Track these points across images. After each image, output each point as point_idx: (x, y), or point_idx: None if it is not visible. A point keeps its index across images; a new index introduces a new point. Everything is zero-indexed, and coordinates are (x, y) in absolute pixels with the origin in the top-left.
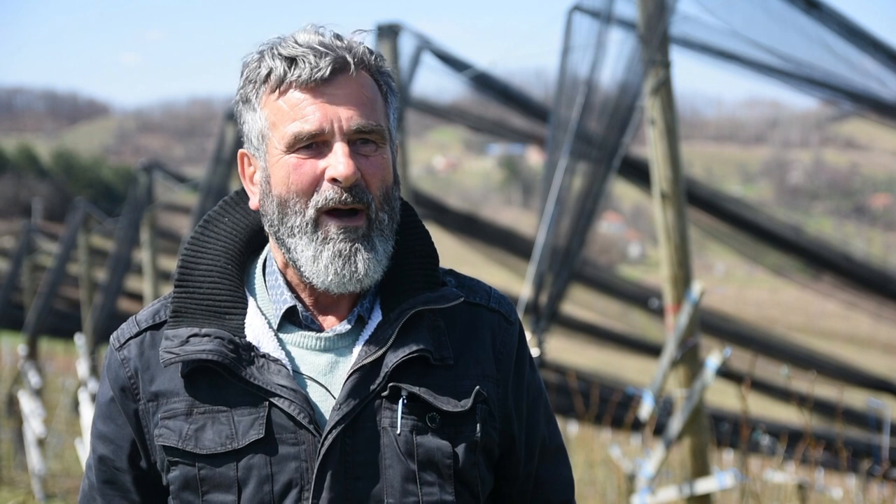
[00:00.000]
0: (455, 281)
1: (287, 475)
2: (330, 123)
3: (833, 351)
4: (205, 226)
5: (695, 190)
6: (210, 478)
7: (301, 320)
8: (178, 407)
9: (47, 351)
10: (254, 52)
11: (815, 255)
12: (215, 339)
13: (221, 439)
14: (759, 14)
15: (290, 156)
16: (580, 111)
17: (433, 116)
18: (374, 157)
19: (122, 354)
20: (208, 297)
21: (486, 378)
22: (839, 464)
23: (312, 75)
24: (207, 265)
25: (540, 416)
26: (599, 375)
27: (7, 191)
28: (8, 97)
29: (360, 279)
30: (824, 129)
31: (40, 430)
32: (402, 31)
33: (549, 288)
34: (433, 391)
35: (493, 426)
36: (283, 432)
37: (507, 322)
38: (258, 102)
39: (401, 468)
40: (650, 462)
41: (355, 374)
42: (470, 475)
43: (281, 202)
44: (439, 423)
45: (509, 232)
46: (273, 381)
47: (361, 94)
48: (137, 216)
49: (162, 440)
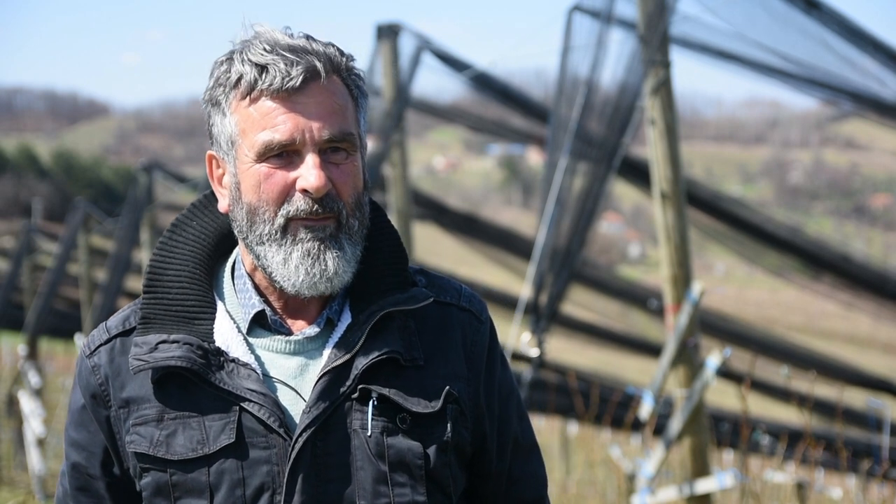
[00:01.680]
0: (425, 280)
1: (259, 479)
2: (301, 133)
3: (833, 351)
4: (173, 230)
5: (695, 190)
6: (182, 483)
7: (270, 324)
8: (148, 413)
9: (47, 351)
10: (224, 53)
11: (815, 256)
12: (184, 346)
13: (192, 445)
14: (760, 14)
15: (261, 165)
16: (580, 111)
17: (433, 116)
18: (345, 164)
19: (93, 361)
20: (177, 302)
21: (456, 378)
22: (839, 464)
23: (284, 84)
24: (176, 271)
25: (512, 414)
26: (599, 375)
27: (7, 191)
28: (8, 97)
29: (331, 278)
30: (824, 129)
31: (40, 430)
32: (402, 31)
33: (549, 288)
34: (403, 392)
35: (464, 426)
36: (254, 436)
37: (478, 321)
38: (228, 107)
39: (372, 469)
40: (650, 462)
41: (325, 377)
42: (441, 475)
43: (250, 210)
44: (410, 423)
45: (509, 232)
46: (243, 385)
47: (333, 101)
48: (137, 216)
49: (133, 447)
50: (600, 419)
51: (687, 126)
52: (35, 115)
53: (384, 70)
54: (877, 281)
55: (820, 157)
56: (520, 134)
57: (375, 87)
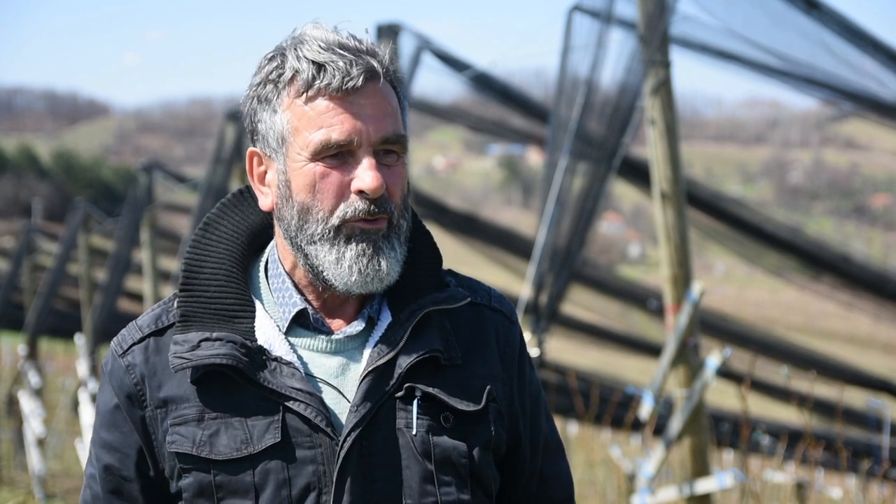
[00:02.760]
0: (455, 281)
1: (305, 479)
2: (358, 134)
3: (833, 351)
4: (205, 228)
5: (695, 190)
6: (226, 484)
7: (311, 322)
8: (188, 413)
9: (47, 351)
10: (273, 50)
11: (815, 256)
12: (228, 343)
13: (236, 444)
14: (759, 14)
15: (316, 164)
16: (580, 111)
17: (433, 116)
18: (396, 167)
19: (127, 360)
20: (216, 300)
21: (493, 377)
22: (839, 464)
23: (343, 84)
24: (212, 268)
25: (541, 414)
26: (599, 375)
27: (7, 191)
28: (8, 97)
29: (383, 277)
30: (824, 129)
31: (40, 430)
32: (402, 31)
33: (549, 288)
34: (445, 391)
35: (502, 425)
36: (299, 436)
37: (510, 321)
38: (279, 104)
39: (418, 469)
40: (650, 462)
41: (369, 376)
42: (484, 474)
43: (302, 209)
44: (453, 422)
45: (509, 232)
46: (287, 384)
47: (387, 103)
48: (137, 216)
49: (174, 447)
50: (600, 419)
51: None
52: (35, 115)
53: None
54: (877, 281)
55: (820, 157)
56: (520, 134)
57: None
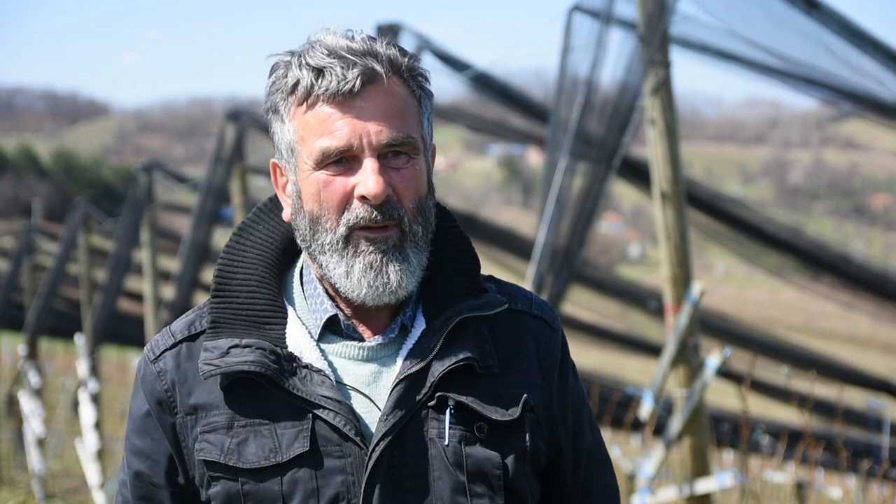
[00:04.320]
0: (495, 287)
1: (333, 489)
2: (359, 138)
3: (833, 351)
4: (240, 234)
5: (695, 190)
6: (254, 493)
7: (343, 330)
8: (218, 420)
9: (47, 351)
10: (283, 56)
11: (815, 257)
12: (257, 350)
13: (265, 453)
14: (759, 14)
15: (320, 172)
16: (580, 111)
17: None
18: (406, 169)
19: (158, 367)
20: (247, 307)
21: (531, 386)
22: (839, 464)
23: (340, 88)
24: (245, 275)
25: (585, 425)
26: (599, 375)
27: (7, 191)
28: (8, 97)
29: (394, 290)
30: (824, 129)
31: (40, 430)
32: (402, 31)
33: (549, 288)
34: (480, 400)
35: (540, 435)
36: (329, 445)
37: (551, 329)
38: (287, 114)
39: (450, 480)
40: (650, 462)
41: (401, 384)
42: (519, 486)
43: (312, 219)
44: (487, 432)
45: (509, 232)
46: (317, 392)
47: (391, 104)
48: (137, 216)
49: (203, 454)
50: (600, 419)
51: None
52: (35, 115)
53: None
54: (877, 281)
55: (820, 157)
56: (520, 134)
57: None
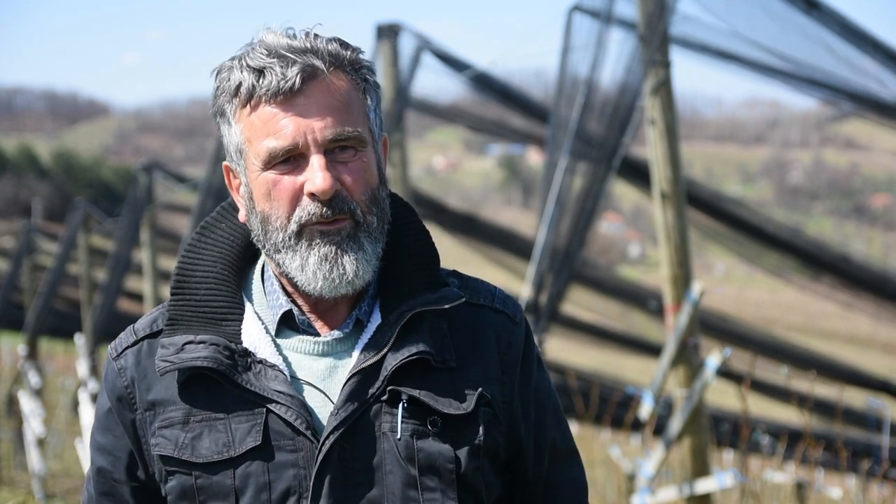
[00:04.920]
0: (458, 282)
1: (285, 482)
2: (303, 136)
3: (833, 351)
4: (202, 232)
5: (695, 190)
6: (207, 487)
7: (298, 325)
8: (174, 416)
9: (47, 351)
10: (226, 60)
11: (815, 257)
12: (210, 346)
13: (218, 447)
14: (760, 14)
15: (268, 172)
16: (580, 111)
17: (433, 116)
18: (354, 162)
19: (119, 364)
20: (205, 303)
21: (490, 380)
22: (839, 464)
23: (281, 87)
24: (204, 271)
25: (549, 418)
26: (599, 375)
27: (7, 191)
28: (8, 97)
29: (350, 280)
30: (824, 129)
31: (40, 430)
32: (402, 31)
33: (549, 288)
34: (434, 394)
35: (498, 430)
36: (281, 439)
37: (513, 322)
38: (233, 116)
39: (401, 474)
40: (650, 462)
41: (354, 378)
42: (473, 480)
43: (264, 218)
44: (440, 426)
45: (509, 232)
46: (270, 386)
47: (334, 99)
48: (137, 216)
49: (159, 449)
50: (600, 419)
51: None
52: (35, 115)
53: (384, 70)
54: (877, 281)
55: (820, 157)
56: (520, 134)
57: None
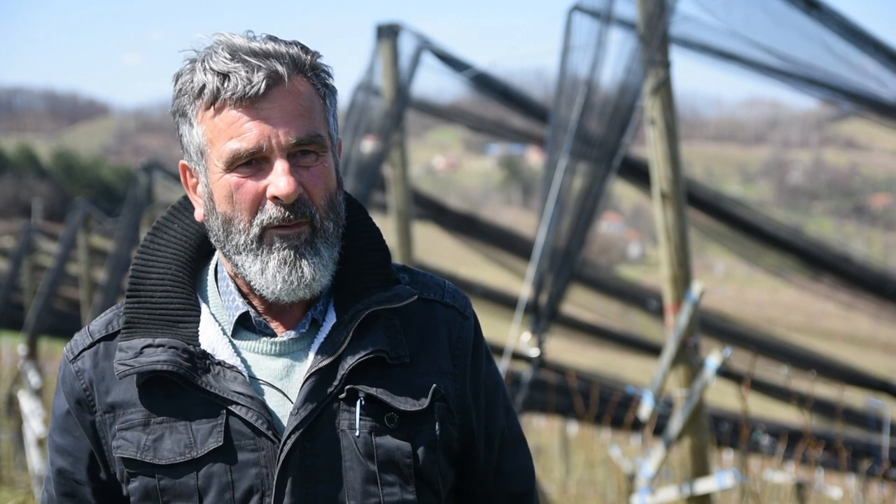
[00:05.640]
0: (408, 277)
1: (248, 482)
2: (267, 140)
3: (833, 351)
4: (154, 234)
5: (695, 190)
6: (170, 488)
7: (255, 326)
8: (134, 418)
9: (47, 351)
10: (187, 61)
11: (815, 256)
12: (169, 349)
13: (180, 449)
14: (759, 14)
15: (231, 174)
16: (580, 111)
17: (433, 116)
18: (315, 167)
19: (77, 366)
20: (161, 306)
21: (443, 374)
22: (839, 464)
23: (246, 92)
24: (159, 274)
25: (498, 408)
26: (599, 375)
27: (7, 191)
28: (8, 97)
29: (309, 284)
30: (824, 129)
31: (40, 430)
32: (402, 31)
33: (548, 288)
34: (391, 391)
35: (451, 423)
36: (242, 439)
37: (462, 317)
38: (195, 117)
39: (361, 470)
40: (650, 462)
41: (311, 378)
42: (430, 473)
43: (225, 220)
44: (398, 423)
45: (509, 232)
46: (229, 388)
47: (298, 104)
48: (137, 216)
49: (120, 452)
50: (600, 419)
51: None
52: (35, 115)
53: (384, 70)
54: (877, 281)
55: (820, 157)
56: (520, 134)
57: (375, 87)
